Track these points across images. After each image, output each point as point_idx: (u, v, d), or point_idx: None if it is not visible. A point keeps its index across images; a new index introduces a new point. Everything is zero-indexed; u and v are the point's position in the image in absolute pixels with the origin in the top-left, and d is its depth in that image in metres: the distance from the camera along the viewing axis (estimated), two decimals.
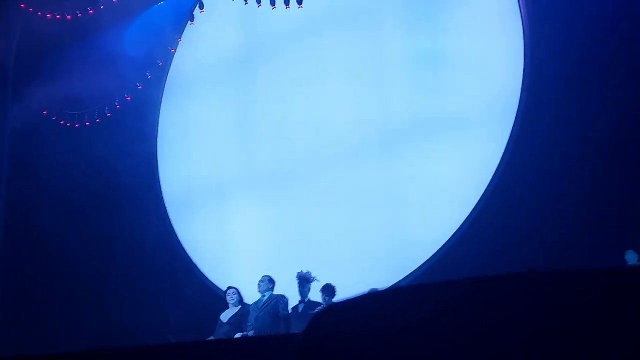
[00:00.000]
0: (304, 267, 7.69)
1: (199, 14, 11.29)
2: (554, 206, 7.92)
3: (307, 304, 7.48)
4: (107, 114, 11.38)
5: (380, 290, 0.92)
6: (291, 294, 7.58)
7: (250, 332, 7.31)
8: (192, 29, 11.63)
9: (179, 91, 11.83)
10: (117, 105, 11.40)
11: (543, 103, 8.39)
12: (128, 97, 11.44)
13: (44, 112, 11.24)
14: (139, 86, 11.46)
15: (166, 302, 10.04)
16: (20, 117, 11.30)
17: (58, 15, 10.97)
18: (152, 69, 11.54)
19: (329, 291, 7.42)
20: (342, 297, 7.46)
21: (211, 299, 9.58)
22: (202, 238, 10.85)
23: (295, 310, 7.51)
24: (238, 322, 7.56)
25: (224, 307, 7.88)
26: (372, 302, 0.91)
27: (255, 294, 7.65)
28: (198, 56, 11.72)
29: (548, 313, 0.80)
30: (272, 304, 7.38)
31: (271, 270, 7.90)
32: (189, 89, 11.71)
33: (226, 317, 7.68)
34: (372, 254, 9.09)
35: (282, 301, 7.41)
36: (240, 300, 7.77)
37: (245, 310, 7.62)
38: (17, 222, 11.28)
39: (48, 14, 10.94)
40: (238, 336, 7.31)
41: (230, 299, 7.76)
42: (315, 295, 7.56)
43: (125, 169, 11.22)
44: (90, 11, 11.03)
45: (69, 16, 11.01)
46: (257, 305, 7.47)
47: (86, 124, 11.44)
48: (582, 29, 8.07)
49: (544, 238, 7.78)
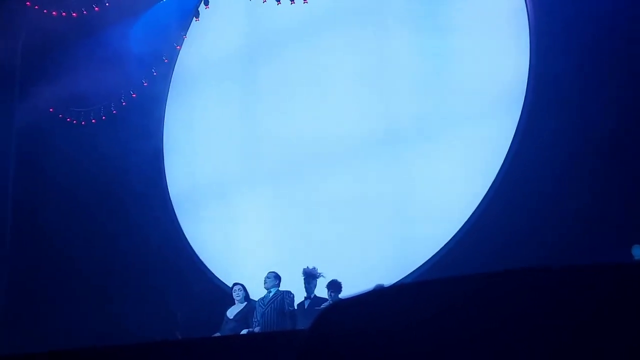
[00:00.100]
0: (310, 263, 7.70)
1: (204, 10, 11.30)
2: (559, 203, 7.88)
3: (312, 300, 7.49)
4: (113, 110, 11.41)
5: (385, 287, 0.92)
6: (297, 290, 7.58)
7: (256, 328, 7.32)
8: (197, 25, 11.64)
9: (184, 87, 11.84)
10: (122, 102, 11.43)
11: (548, 100, 8.34)
12: (133, 94, 11.47)
13: (49, 110, 11.27)
14: (145, 83, 11.48)
15: (172, 299, 10.06)
16: (26, 115, 11.33)
17: (63, 13, 10.99)
18: (158, 65, 11.56)
19: (334, 287, 7.42)
20: (347, 293, 7.47)
21: (217, 295, 9.60)
22: (208, 234, 10.86)
23: (301, 306, 7.52)
24: (244, 318, 7.58)
25: (230, 303, 7.89)
26: (377, 298, 0.92)
27: (261, 290, 7.65)
28: (203, 52, 11.72)
29: (553, 309, 0.80)
30: (278, 300, 7.39)
31: (277, 267, 7.91)
32: (194, 85, 11.71)
33: (232, 313, 7.70)
34: (378, 250, 9.09)
35: (288, 297, 7.42)
36: (246, 296, 7.79)
37: (251, 307, 7.64)
38: (23, 219, 11.31)
39: (53, 12, 10.96)
40: (244, 332, 7.33)
41: (236, 295, 7.79)
42: (321, 291, 7.57)
43: (130, 165, 11.25)
44: (96, 8, 11.04)
45: (74, 13, 11.02)
46: (263, 301, 7.48)
47: (92, 121, 11.49)
48: (588, 25, 8.02)
49: (549, 235, 7.75)
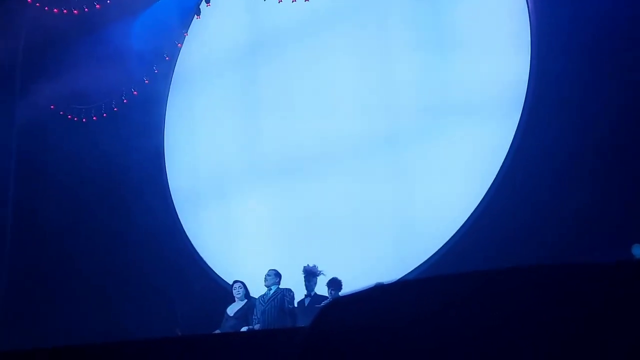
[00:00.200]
0: (310, 261, 7.70)
1: (205, 8, 11.30)
2: (559, 203, 7.85)
3: (313, 298, 7.49)
4: (114, 108, 11.42)
5: (386, 284, 0.91)
6: (297, 287, 7.59)
7: (257, 325, 7.33)
8: (199, 23, 11.64)
9: (185, 85, 11.84)
10: (123, 100, 11.44)
11: (549, 100, 8.32)
12: (135, 92, 11.47)
13: (50, 107, 11.27)
14: (146, 80, 11.48)
15: (173, 296, 10.07)
16: (27, 112, 11.34)
17: (64, 10, 10.99)
18: (159, 63, 11.56)
19: (335, 285, 7.42)
20: (348, 290, 7.47)
21: (217, 292, 9.61)
22: (209, 232, 10.87)
23: (301, 303, 7.52)
24: (244, 316, 7.59)
25: (230, 300, 7.90)
26: (378, 295, 0.91)
27: (261, 287, 7.66)
28: (204, 50, 11.72)
29: (555, 306, 0.80)
30: (278, 297, 7.40)
31: (277, 264, 7.92)
32: (195, 82, 11.71)
33: (232, 310, 7.70)
34: (379, 247, 9.09)
35: (288, 295, 7.42)
36: (246, 293, 7.80)
37: (251, 304, 7.65)
38: (24, 217, 11.32)
39: (55, 9, 10.96)
40: (244, 329, 7.34)
41: (236, 292, 7.79)
42: (322, 289, 7.57)
43: (132, 163, 11.25)
44: (97, 5, 11.04)
45: (75, 11, 11.03)
46: (264, 298, 7.48)
47: (93, 118, 11.49)
48: (589, 25, 8.00)
49: (549, 234, 7.72)
